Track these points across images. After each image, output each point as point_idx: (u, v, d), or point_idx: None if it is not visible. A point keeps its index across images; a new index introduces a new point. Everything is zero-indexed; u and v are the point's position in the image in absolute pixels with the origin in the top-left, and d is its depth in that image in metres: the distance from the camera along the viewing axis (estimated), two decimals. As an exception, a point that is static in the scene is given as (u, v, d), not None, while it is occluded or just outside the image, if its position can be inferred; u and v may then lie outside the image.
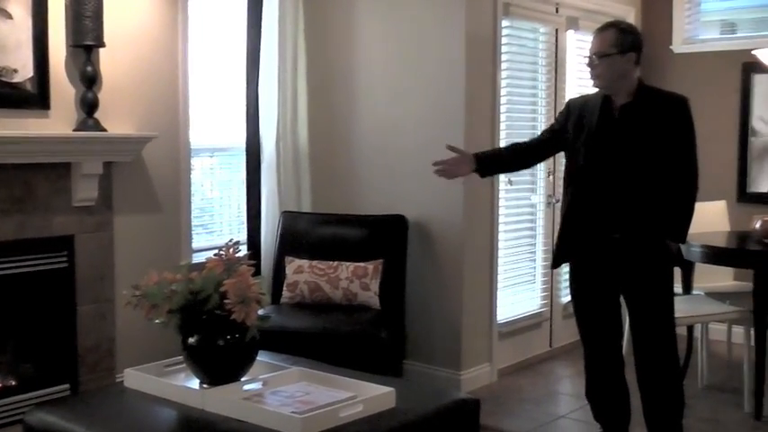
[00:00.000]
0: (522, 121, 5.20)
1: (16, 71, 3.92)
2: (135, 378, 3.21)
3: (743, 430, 4.33)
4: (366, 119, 5.11)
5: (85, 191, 4.16)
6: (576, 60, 5.61)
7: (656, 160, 3.51)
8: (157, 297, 3.01)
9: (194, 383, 3.11)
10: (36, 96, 4.00)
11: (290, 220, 4.93)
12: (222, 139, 5.09)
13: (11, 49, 3.90)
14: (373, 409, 2.88)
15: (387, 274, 4.65)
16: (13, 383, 4.06)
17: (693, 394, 4.61)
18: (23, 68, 3.95)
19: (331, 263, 4.64)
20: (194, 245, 4.79)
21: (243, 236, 5.15)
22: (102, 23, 4.07)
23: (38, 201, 4.04)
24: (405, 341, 4.83)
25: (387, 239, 4.77)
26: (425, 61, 4.85)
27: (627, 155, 3.53)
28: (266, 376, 3.16)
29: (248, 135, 5.14)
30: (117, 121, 4.28)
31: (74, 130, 4.11)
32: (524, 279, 5.48)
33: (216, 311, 2.99)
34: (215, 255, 3.14)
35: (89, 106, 4.11)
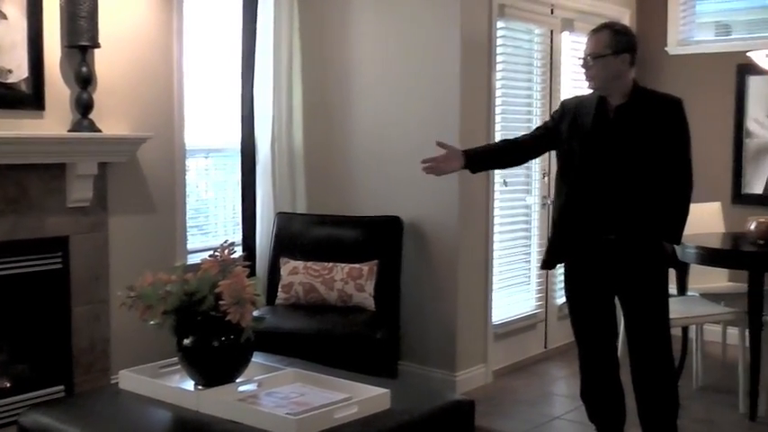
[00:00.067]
0: (518, 123, 5.20)
1: (11, 72, 3.92)
2: (130, 379, 3.21)
3: (737, 431, 4.34)
4: (361, 120, 5.11)
5: (80, 191, 4.15)
6: (571, 62, 5.60)
7: (651, 161, 3.52)
8: (152, 298, 3.00)
9: (189, 385, 3.11)
10: (31, 97, 4.00)
11: (285, 221, 4.93)
12: (217, 140, 5.08)
13: (5, 50, 3.89)
14: (368, 410, 2.88)
15: (382, 275, 4.65)
16: (8, 385, 4.04)
17: (688, 395, 4.62)
18: (18, 69, 3.94)
19: (326, 264, 4.64)
20: (189, 246, 4.79)
21: (238, 237, 5.14)
22: (97, 24, 4.07)
23: (32, 201, 4.03)
24: (399, 342, 4.83)
25: (382, 241, 4.77)
26: (420, 62, 4.85)
27: (622, 156, 3.53)
28: (261, 377, 3.16)
29: (243, 136, 5.14)
30: (112, 121, 4.27)
31: (68, 130, 4.10)
32: (519, 280, 5.48)
33: (211, 313, 2.99)
34: (210, 256, 3.14)
35: (84, 107, 4.10)
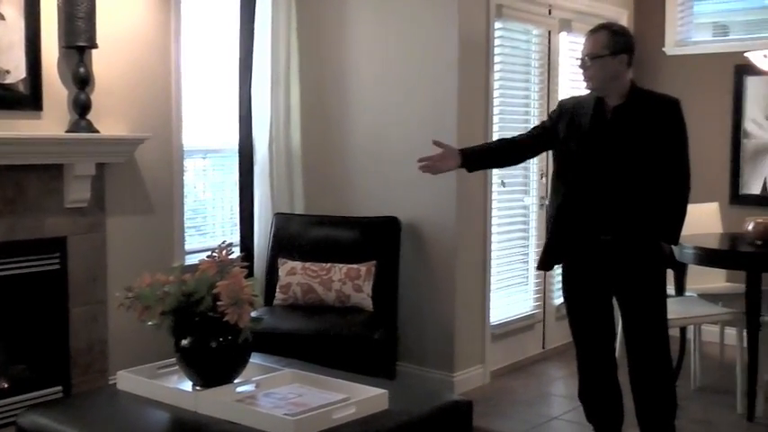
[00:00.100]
0: (515, 123, 5.19)
1: (8, 72, 3.92)
2: (127, 380, 3.20)
3: (735, 431, 4.34)
4: (359, 121, 5.11)
5: (78, 192, 4.15)
6: (569, 62, 5.61)
7: (649, 162, 3.52)
8: (150, 299, 3.00)
9: (187, 385, 3.11)
10: (28, 97, 4.00)
11: (282, 221, 4.93)
12: (215, 141, 5.08)
13: (3, 50, 3.89)
14: (366, 410, 2.88)
15: (380, 275, 4.64)
16: (6, 386, 4.04)
17: (686, 395, 4.63)
18: (16, 69, 3.94)
19: (324, 264, 4.64)
20: (187, 246, 4.78)
21: (236, 237, 5.14)
22: (95, 24, 4.07)
23: (30, 202, 4.03)
24: (397, 343, 4.83)
25: (380, 241, 4.77)
26: (418, 63, 4.85)
27: (619, 156, 3.53)
28: (259, 378, 3.16)
29: (241, 137, 5.13)
30: (110, 122, 4.27)
31: (66, 131, 4.10)
32: (517, 281, 5.48)
33: (209, 313, 2.99)
34: (208, 256, 3.14)
35: (82, 107, 4.10)
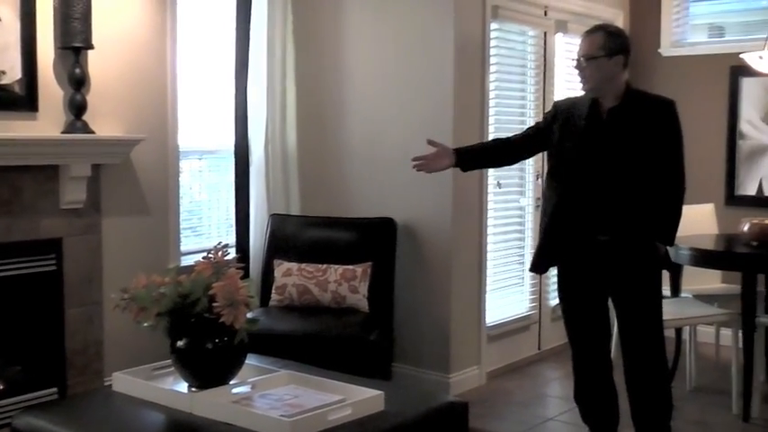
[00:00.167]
0: (511, 124, 5.20)
1: (4, 73, 3.91)
2: (123, 381, 3.20)
3: (731, 432, 4.36)
4: (355, 122, 5.11)
5: (73, 193, 4.14)
6: (565, 63, 5.62)
7: (644, 163, 3.52)
8: (146, 300, 3.00)
9: (183, 387, 3.10)
10: (24, 98, 3.98)
11: (278, 222, 4.93)
12: (211, 142, 5.07)
13: (-2, 51, 3.89)
14: (362, 412, 2.88)
15: (375, 276, 4.64)
16: (1, 387, 4.03)
17: (681, 396, 4.63)
18: (11, 70, 3.93)
19: (320, 266, 4.64)
20: (183, 248, 4.78)
21: (231, 239, 5.13)
22: (91, 25, 4.06)
23: (25, 203, 4.02)
24: (393, 344, 4.83)
25: (375, 242, 4.77)
26: (414, 64, 4.85)
27: (615, 158, 3.54)
28: (255, 379, 3.15)
29: (237, 138, 5.13)
30: (105, 123, 4.27)
31: (62, 132, 4.09)
32: (513, 282, 5.49)
33: (204, 314, 2.98)
34: (204, 258, 3.14)
35: (77, 108, 4.09)
